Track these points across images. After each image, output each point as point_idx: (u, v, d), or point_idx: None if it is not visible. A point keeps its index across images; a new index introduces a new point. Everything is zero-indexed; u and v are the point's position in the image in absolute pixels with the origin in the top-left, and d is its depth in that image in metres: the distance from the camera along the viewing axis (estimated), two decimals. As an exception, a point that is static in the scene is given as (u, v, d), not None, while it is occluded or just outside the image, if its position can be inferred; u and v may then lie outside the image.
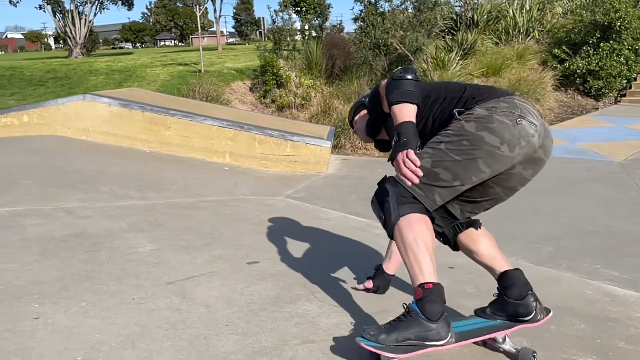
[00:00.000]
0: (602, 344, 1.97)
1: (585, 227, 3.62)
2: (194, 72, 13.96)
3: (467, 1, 11.53)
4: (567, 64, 9.85)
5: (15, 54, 53.94)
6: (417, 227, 1.76)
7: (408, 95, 1.80)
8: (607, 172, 5.44)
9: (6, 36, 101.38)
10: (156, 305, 2.17)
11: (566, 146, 6.79)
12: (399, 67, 1.96)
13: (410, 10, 11.35)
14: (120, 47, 64.32)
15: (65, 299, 2.20)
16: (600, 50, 9.65)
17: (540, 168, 1.89)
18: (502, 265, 1.94)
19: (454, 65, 9.34)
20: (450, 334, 1.70)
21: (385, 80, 1.92)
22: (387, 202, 1.80)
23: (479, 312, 1.95)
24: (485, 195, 1.92)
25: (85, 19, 24.32)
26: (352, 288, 2.44)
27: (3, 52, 76.27)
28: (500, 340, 1.89)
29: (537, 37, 10.96)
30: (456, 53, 9.74)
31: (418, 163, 1.72)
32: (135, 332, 1.93)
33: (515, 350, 1.86)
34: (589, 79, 9.68)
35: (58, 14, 24.53)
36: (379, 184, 1.88)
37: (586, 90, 9.84)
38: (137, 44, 69.94)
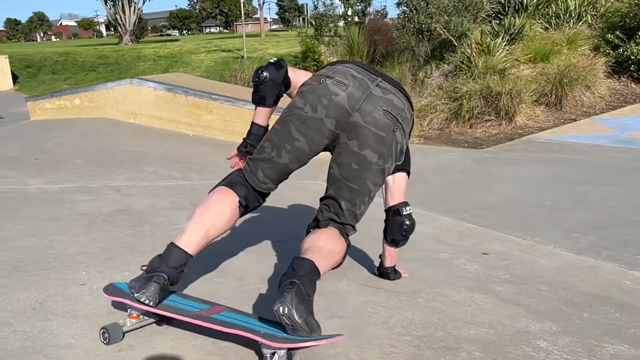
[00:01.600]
0: (636, 333, 1.93)
1: (630, 218, 3.50)
2: (237, 58, 14.17)
3: (516, -16, 11.11)
4: (620, 50, 9.35)
5: (69, 41, 56.16)
6: (208, 197, 1.81)
7: (253, 99, 1.95)
8: (659, 162, 5.20)
9: (61, 23, 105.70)
10: (193, 276, 2.27)
11: (616, 135, 6.52)
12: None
13: (455, -6, 11.04)
14: (168, 34, 65.84)
15: (110, 268, 2.34)
16: (658, 35, 9.12)
17: (367, 139, 1.71)
18: (305, 255, 1.67)
19: (500, 51, 9.06)
20: (143, 292, 1.65)
21: None
22: None
23: None
24: (331, 182, 1.83)
25: (135, 7, 25.00)
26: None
27: (58, 39, 79.57)
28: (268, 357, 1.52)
29: (590, 21, 10.47)
30: (502, 38, 9.44)
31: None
32: (173, 301, 2.03)
33: None
34: (644, 66, 9.18)
35: (109, 2, 25.32)
36: None
37: (641, 78, 9.33)
38: (184, 31, 71.35)
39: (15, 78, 14.11)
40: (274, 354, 1.51)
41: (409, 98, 1.89)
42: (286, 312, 1.47)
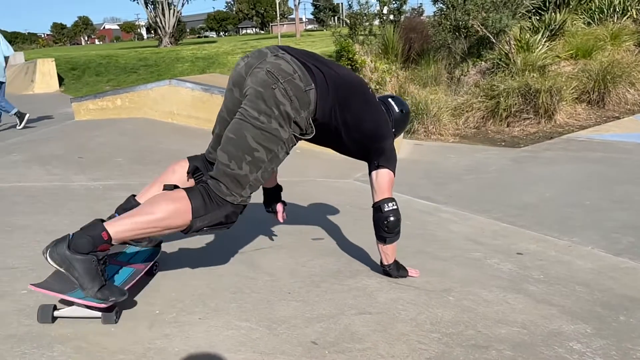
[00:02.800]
0: (676, 337, 1.86)
1: (674, 219, 3.36)
2: (273, 58, 14.28)
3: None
4: (669, 45, 8.98)
5: (112, 44, 58.01)
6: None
7: None
8: None
9: (104, 27, 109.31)
10: (226, 271, 2.34)
11: (662, 134, 6.26)
12: None
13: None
14: (205, 36, 67.10)
15: (147, 261, 2.42)
16: None
17: (250, 96, 1.85)
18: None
19: (540, 47, 8.83)
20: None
21: None
22: None
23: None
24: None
25: (174, 10, 25.60)
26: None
27: (101, 42, 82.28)
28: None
29: (635, 16, 10.06)
30: (542, 34, 9.20)
31: None
32: (207, 293, 2.10)
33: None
34: (694, 61, 8.75)
35: (150, 5, 26.03)
36: None
37: (691, 74, 8.90)
38: (221, 33, 72.54)
39: (61, 80, 14.70)
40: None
41: (319, 73, 1.91)
42: (43, 250, 1.75)
